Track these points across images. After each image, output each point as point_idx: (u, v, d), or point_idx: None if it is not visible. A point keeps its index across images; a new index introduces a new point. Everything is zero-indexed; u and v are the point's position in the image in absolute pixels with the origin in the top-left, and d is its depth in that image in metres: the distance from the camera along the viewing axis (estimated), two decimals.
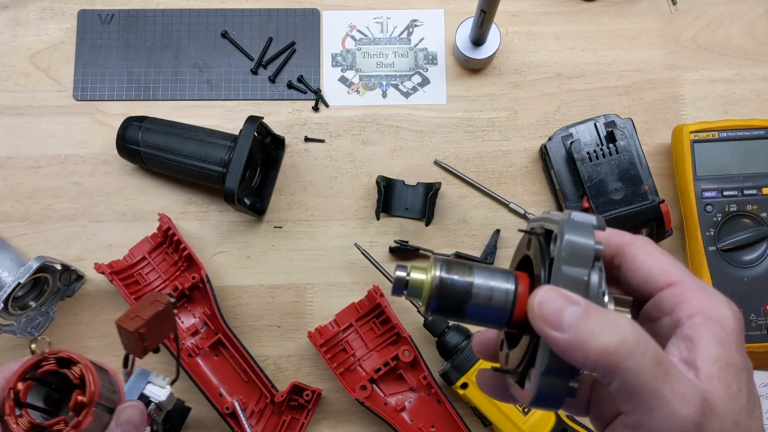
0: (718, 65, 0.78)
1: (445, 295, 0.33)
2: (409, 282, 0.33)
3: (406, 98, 0.77)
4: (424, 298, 0.33)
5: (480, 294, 0.33)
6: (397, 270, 0.34)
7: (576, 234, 0.31)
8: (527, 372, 0.32)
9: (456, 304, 0.33)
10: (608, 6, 0.79)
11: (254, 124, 0.68)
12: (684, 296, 0.32)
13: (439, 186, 0.72)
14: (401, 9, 0.79)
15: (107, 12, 0.78)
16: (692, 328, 0.31)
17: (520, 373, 0.32)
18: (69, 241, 0.74)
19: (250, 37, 0.78)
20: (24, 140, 0.76)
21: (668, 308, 0.32)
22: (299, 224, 0.75)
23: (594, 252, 0.30)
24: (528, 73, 0.78)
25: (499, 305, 0.33)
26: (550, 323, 0.29)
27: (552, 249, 0.31)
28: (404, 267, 0.34)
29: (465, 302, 0.33)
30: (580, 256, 0.30)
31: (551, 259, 0.31)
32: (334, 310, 0.72)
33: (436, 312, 0.33)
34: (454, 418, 0.68)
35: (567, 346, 0.29)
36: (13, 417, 0.42)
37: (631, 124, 0.70)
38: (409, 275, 0.33)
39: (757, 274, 0.69)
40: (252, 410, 0.69)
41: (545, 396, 0.30)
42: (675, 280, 0.32)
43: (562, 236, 0.30)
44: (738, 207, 0.69)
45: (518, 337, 0.34)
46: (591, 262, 0.30)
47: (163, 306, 0.50)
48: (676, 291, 0.32)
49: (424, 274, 0.33)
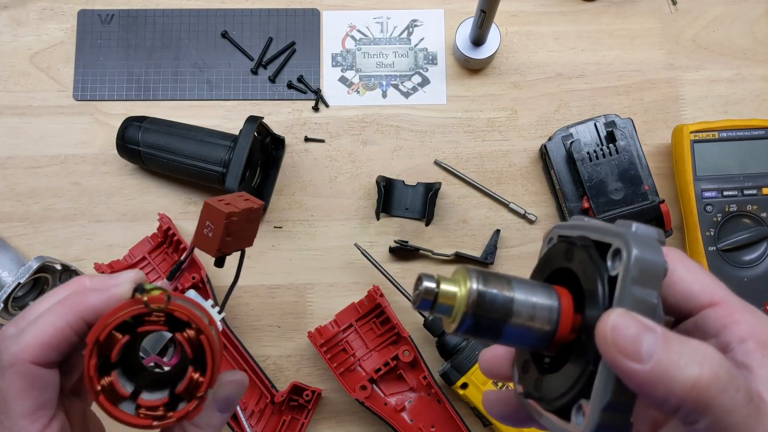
0: (718, 65, 0.78)
1: (484, 312, 0.28)
2: (439, 295, 0.28)
3: (406, 98, 0.77)
4: (458, 315, 0.29)
5: (522, 312, 0.29)
6: (425, 280, 0.29)
7: (645, 250, 0.27)
8: (573, 403, 0.28)
9: (494, 324, 0.29)
10: (608, 6, 0.79)
11: (254, 124, 0.68)
12: (731, 317, 0.29)
13: (439, 186, 0.72)
14: (401, 9, 0.79)
15: (107, 12, 0.78)
16: (747, 355, 0.28)
17: (565, 403, 0.28)
18: (69, 241, 0.74)
19: (250, 37, 0.78)
20: (24, 140, 0.76)
21: (713, 330, 0.29)
22: (299, 224, 0.75)
23: (664, 272, 0.27)
24: (528, 73, 0.78)
25: (541, 325, 0.29)
26: (626, 353, 0.25)
27: (610, 265, 0.28)
28: (431, 277, 0.29)
29: (505, 322, 0.29)
30: (650, 276, 0.27)
31: (611, 277, 0.27)
32: (334, 310, 0.72)
33: (468, 332, 0.29)
34: (454, 418, 0.68)
35: (647, 380, 0.25)
36: (96, 381, 0.31)
37: (631, 124, 0.70)
38: (439, 287, 0.29)
39: (757, 274, 0.69)
40: (252, 410, 0.69)
41: None
42: (719, 299, 0.30)
43: (630, 252, 0.27)
44: (738, 207, 0.69)
45: (557, 361, 0.30)
46: (660, 283, 0.27)
47: (257, 206, 0.43)
48: (721, 311, 0.29)
49: (456, 287, 0.29)
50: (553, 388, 0.29)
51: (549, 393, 0.29)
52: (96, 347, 0.31)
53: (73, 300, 0.33)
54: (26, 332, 0.32)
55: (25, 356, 0.32)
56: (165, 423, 0.32)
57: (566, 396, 0.28)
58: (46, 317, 0.33)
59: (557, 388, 0.29)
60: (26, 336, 0.32)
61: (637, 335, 0.25)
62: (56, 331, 0.32)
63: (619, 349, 0.25)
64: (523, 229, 0.75)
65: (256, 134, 0.68)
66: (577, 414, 0.27)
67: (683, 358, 0.25)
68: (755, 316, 0.29)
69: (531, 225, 0.75)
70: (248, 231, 0.44)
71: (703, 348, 0.26)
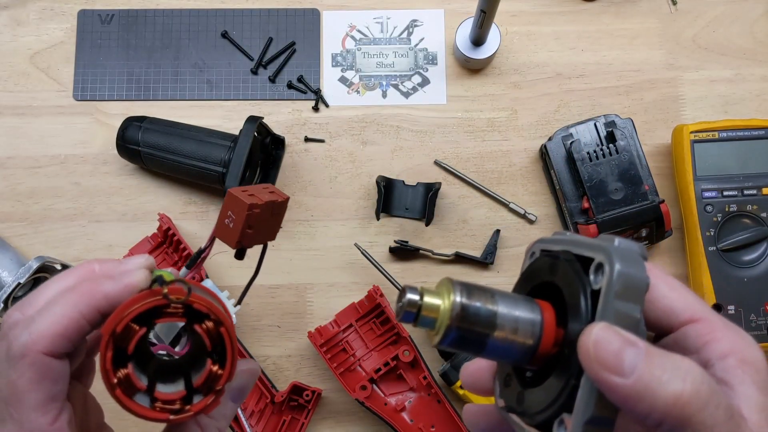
0: (718, 65, 0.78)
1: (467, 325, 0.28)
2: (422, 307, 0.28)
3: (406, 98, 0.77)
4: (441, 327, 0.28)
5: (505, 325, 0.29)
6: (408, 293, 0.28)
7: (628, 265, 0.27)
8: (555, 417, 0.28)
9: (478, 337, 0.29)
10: (608, 6, 0.79)
11: (254, 124, 0.68)
12: (712, 335, 0.29)
13: (439, 186, 0.72)
14: (401, 9, 0.79)
15: (107, 12, 0.78)
16: (726, 371, 0.28)
17: (547, 418, 0.28)
18: (69, 241, 0.74)
19: (250, 37, 0.78)
20: (24, 140, 0.76)
21: (693, 346, 0.29)
22: (299, 224, 0.75)
23: (646, 287, 0.27)
24: (528, 73, 0.78)
25: (524, 338, 0.29)
26: (608, 367, 0.25)
27: (592, 279, 0.28)
28: (415, 289, 0.28)
29: (488, 335, 0.29)
30: (633, 290, 0.27)
31: (594, 291, 0.28)
32: (334, 310, 0.72)
33: (451, 344, 0.29)
34: (454, 418, 0.68)
35: (629, 394, 0.25)
36: (112, 374, 0.30)
37: (631, 124, 0.70)
38: (423, 300, 0.28)
39: (757, 274, 0.69)
40: (252, 410, 0.69)
41: None
42: (700, 316, 0.30)
43: (613, 267, 0.27)
44: (738, 207, 0.69)
45: (539, 375, 0.30)
46: (642, 298, 0.27)
47: (282, 199, 0.42)
48: (702, 328, 0.29)
49: (440, 299, 0.29)
50: (535, 402, 0.29)
51: (531, 407, 0.29)
52: (113, 339, 0.30)
53: (86, 288, 0.32)
54: (37, 321, 0.31)
55: (37, 347, 0.31)
56: (182, 417, 0.31)
57: (548, 410, 0.28)
58: (58, 306, 0.31)
59: (539, 402, 0.29)
60: (38, 326, 0.31)
61: (619, 349, 0.25)
62: (70, 321, 0.31)
63: (601, 363, 0.25)
64: (523, 229, 0.75)
65: (256, 134, 0.68)
66: (558, 428, 0.27)
67: (666, 373, 0.25)
68: (736, 334, 0.30)
69: (531, 225, 0.75)
70: (271, 224, 0.43)
71: (685, 363, 0.26)
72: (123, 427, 0.39)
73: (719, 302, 0.68)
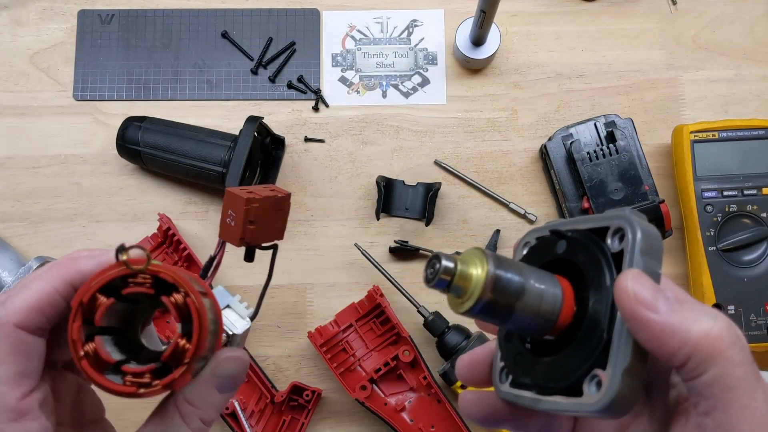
0: (718, 65, 0.78)
1: (498, 296, 0.29)
2: (457, 275, 0.29)
3: (406, 98, 0.77)
4: (473, 295, 0.29)
5: (531, 296, 0.30)
6: (443, 260, 0.29)
7: (648, 227, 0.29)
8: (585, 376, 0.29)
9: (506, 307, 0.30)
10: (608, 6, 0.79)
11: (254, 124, 0.68)
12: None
13: (439, 186, 0.72)
14: (401, 9, 0.79)
15: (107, 12, 0.78)
16: None
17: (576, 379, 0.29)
18: (69, 241, 0.74)
19: (250, 37, 0.78)
20: (24, 140, 0.76)
21: None
22: (299, 224, 0.75)
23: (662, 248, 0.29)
24: (528, 73, 0.78)
25: (548, 309, 0.30)
26: (645, 303, 0.27)
27: (610, 244, 0.30)
28: (450, 257, 0.29)
29: (514, 305, 0.30)
30: (654, 249, 0.29)
31: (613, 253, 0.29)
32: (334, 310, 0.72)
33: (480, 313, 0.30)
34: (454, 418, 0.68)
35: (664, 329, 0.27)
36: (79, 345, 0.30)
37: (631, 124, 0.70)
38: (458, 268, 0.29)
39: (757, 274, 0.69)
40: (252, 410, 0.69)
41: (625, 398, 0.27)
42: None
43: (635, 227, 0.28)
44: (738, 207, 0.69)
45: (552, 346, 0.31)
46: (661, 258, 0.29)
47: (283, 194, 0.41)
48: None
49: (474, 269, 0.29)
50: (558, 368, 0.30)
51: (554, 374, 0.30)
52: (80, 310, 0.30)
53: (63, 264, 0.32)
54: (13, 297, 0.32)
55: (10, 319, 0.31)
56: (151, 391, 0.31)
57: (579, 369, 0.29)
58: (34, 282, 0.32)
59: (565, 366, 0.30)
60: (13, 300, 0.32)
61: (654, 288, 0.27)
62: (42, 295, 0.32)
63: (639, 299, 0.27)
64: (523, 229, 0.75)
65: (256, 134, 0.68)
66: (590, 385, 0.28)
67: (697, 313, 0.27)
68: None
69: (531, 225, 0.75)
70: (276, 222, 0.42)
71: (713, 309, 0.28)
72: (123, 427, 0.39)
73: (719, 302, 0.68)
